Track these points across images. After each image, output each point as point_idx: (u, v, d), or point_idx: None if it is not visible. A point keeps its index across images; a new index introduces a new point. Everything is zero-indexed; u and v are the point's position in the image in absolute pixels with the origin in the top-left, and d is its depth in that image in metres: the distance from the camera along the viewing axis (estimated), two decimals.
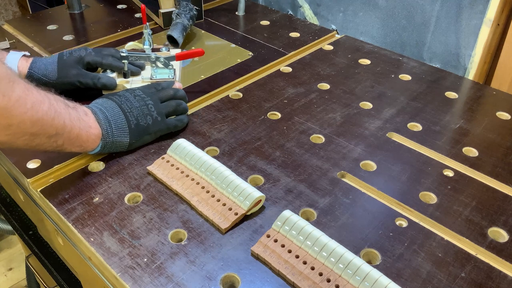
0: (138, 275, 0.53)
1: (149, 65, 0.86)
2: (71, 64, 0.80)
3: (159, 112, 0.72)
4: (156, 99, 0.73)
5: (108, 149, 0.68)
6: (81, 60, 0.81)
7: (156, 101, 0.72)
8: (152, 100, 0.72)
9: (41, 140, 0.58)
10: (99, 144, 0.66)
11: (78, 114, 0.63)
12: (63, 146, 0.61)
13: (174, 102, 0.74)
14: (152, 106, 0.71)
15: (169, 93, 0.75)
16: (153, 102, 0.72)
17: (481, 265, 0.55)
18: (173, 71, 0.85)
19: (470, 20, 0.93)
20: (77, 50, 0.82)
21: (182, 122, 0.75)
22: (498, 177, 0.67)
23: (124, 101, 0.70)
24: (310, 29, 1.10)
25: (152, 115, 0.71)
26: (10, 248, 1.70)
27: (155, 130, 0.72)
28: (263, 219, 0.61)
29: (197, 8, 1.04)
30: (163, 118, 0.72)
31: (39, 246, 0.85)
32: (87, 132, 0.63)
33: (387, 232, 0.59)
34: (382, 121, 0.79)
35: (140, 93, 0.72)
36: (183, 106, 0.76)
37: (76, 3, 1.15)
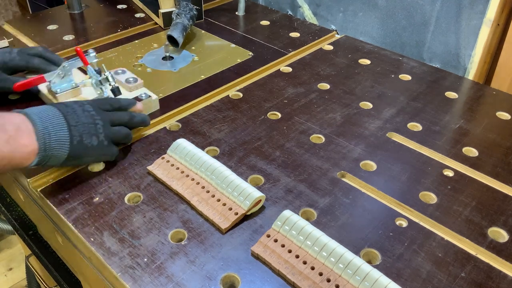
0: (138, 275, 0.53)
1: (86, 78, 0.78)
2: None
3: (106, 135, 0.64)
4: (107, 120, 0.65)
5: (45, 162, 0.59)
6: (4, 65, 0.77)
7: (106, 123, 0.64)
8: (102, 121, 0.64)
9: None
10: (35, 159, 0.58)
11: (7, 135, 0.54)
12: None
13: (125, 131, 0.68)
14: (100, 127, 0.63)
15: (123, 118, 0.68)
16: (102, 123, 0.64)
17: (481, 265, 0.55)
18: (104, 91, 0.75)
19: (470, 20, 0.93)
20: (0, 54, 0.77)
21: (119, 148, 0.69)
22: (498, 177, 0.67)
23: (71, 112, 0.62)
24: (310, 29, 1.10)
25: (99, 137, 0.63)
26: (10, 248, 1.70)
27: (98, 154, 0.64)
28: (263, 219, 0.61)
29: (197, 8, 1.04)
30: (109, 143, 0.65)
31: (39, 246, 0.85)
32: (21, 152, 0.56)
33: (387, 232, 0.59)
34: (382, 121, 0.79)
35: (90, 109, 0.64)
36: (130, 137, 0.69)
37: (76, 3, 1.15)
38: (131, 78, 0.80)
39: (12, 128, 0.56)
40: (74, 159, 0.62)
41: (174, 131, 0.76)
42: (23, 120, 0.58)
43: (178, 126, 0.77)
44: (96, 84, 0.75)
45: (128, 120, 0.69)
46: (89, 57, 0.75)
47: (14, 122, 0.57)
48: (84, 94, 0.78)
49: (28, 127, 0.57)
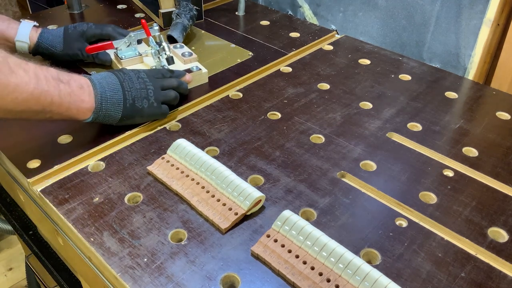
0: (138, 275, 0.53)
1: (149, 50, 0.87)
2: (75, 37, 0.88)
3: (156, 98, 0.74)
4: (158, 86, 0.75)
5: (100, 120, 0.71)
6: (84, 34, 0.89)
7: (157, 88, 0.75)
8: (153, 86, 0.74)
9: (27, 115, 0.63)
10: (91, 116, 0.69)
11: (70, 89, 0.65)
12: (52, 118, 0.66)
13: (174, 93, 0.77)
14: (151, 91, 0.74)
15: (173, 84, 0.78)
16: (153, 88, 0.74)
17: (481, 265, 0.55)
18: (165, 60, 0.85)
19: (470, 20, 0.93)
20: (80, 25, 0.90)
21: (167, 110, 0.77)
22: (498, 177, 0.67)
23: (127, 79, 0.72)
24: (310, 29, 1.10)
25: (149, 99, 0.73)
26: (10, 248, 1.70)
27: (148, 114, 0.74)
28: (263, 219, 0.61)
29: (197, 8, 1.04)
30: (159, 104, 0.75)
31: (39, 246, 0.85)
32: (78, 106, 0.66)
33: (387, 232, 0.59)
34: (382, 121, 0.79)
35: (144, 76, 0.75)
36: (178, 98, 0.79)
37: (76, 3, 1.15)
38: (187, 52, 0.90)
39: (76, 85, 0.67)
40: (127, 118, 0.73)
41: (174, 131, 0.76)
42: (86, 82, 0.69)
43: (178, 126, 0.77)
44: (155, 54, 0.85)
45: (177, 86, 0.79)
46: (152, 30, 0.86)
47: (79, 81, 0.68)
48: (146, 61, 0.89)
49: (89, 88, 0.68)
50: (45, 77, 0.63)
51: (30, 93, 0.60)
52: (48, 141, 0.73)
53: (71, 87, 0.66)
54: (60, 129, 0.75)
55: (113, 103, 0.70)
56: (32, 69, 0.62)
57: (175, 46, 0.92)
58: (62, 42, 0.87)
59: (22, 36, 0.86)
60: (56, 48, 0.87)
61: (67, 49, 0.88)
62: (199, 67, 0.88)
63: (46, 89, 0.62)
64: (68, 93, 0.65)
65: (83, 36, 0.89)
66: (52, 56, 0.89)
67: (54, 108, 0.64)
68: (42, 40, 0.87)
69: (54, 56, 0.89)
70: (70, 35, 0.88)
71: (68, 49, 0.88)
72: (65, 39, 0.88)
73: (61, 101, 0.64)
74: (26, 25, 0.86)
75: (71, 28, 0.89)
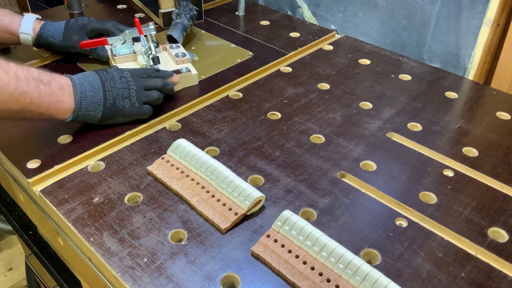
0: (138, 275, 0.53)
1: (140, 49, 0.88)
2: (75, 30, 0.90)
3: (138, 98, 0.74)
4: (141, 85, 0.75)
5: (80, 120, 0.72)
6: (84, 27, 0.90)
7: (140, 88, 0.75)
8: (136, 86, 0.75)
9: (7, 114, 0.64)
10: (70, 116, 0.70)
11: (50, 90, 0.67)
12: (32, 118, 0.67)
13: (157, 94, 0.77)
14: (134, 91, 0.74)
15: (157, 84, 0.78)
16: (136, 88, 0.74)
17: (481, 265, 0.55)
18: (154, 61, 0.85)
19: (470, 20, 0.93)
20: (81, 19, 0.92)
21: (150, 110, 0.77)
22: (498, 177, 0.67)
23: (109, 79, 0.73)
24: (310, 29, 1.10)
25: (131, 99, 0.74)
26: (10, 248, 1.70)
27: (130, 114, 0.75)
28: (263, 219, 0.61)
29: (197, 8, 1.04)
30: (141, 104, 0.75)
31: (39, 246, 0.85)
32: (57, 106, 0.68)
33: (387, 232, 0.59)
34: (382, 121, 0.79)
35: (128, 75, 0.75)
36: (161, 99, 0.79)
37: (76, 3, 1.15)
38: (181, 53, 0.90)
39: (56, 86, 0.68)
40: (108, 118, 0.73)
41: (174, 131, 0.76)
42: (67, 82, 0.69)
43: (178, 126, 0.77)
44: (144, 53, 0.85)
45: (161, 86, 0.79)
46: (147, 29, 0.86)
47: (60, 82, 0.69)
48: (139, 60, 0.90)
49: (70, 89, 0.69)
50: (25, 77, 0.64)
51: (10, 94, 0.62)
52: (48, 141, 0.73)
53: (51, 87, 0.67)
54: (60, 129, 0.75)
55: (93, 102, 0.71)
56: (13, 70, 0.63)
57: (171, 46, 0.92)
58: (62, 34, 0.89)
59: (26, 28, 0.88)
60: (56, 39, 0.89)
61: (66, 41, 0.89)
62: (189, 68, 0.87)
63: (26, 90, 0.63)
64: (48, 94, 0.66)
65: (83, 29, 0.90)
66: (52, 47, 0.91)
67: (33, 108, 0.65)
68: (43, 30, 0.88)
69: (53, 47, 0.90)
70: (71, 28, 0.90)
71: (67, 41, 0.89)
72: (65, 31, 0.89)
73: (40, 102, 0.65)
74: (29, 17, 0.88)
75: (72, 21, 0.91)
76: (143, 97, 0.75)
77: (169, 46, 0.92)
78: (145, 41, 0.85)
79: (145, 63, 0.86)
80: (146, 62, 0.86)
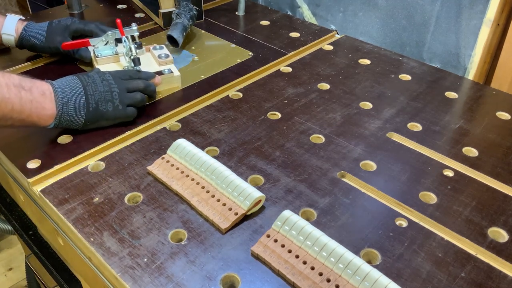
0: (138, 275, 0.53)
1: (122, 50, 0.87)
2: (58, 31, 0.89)
3: (121, 101, 0.74)
4: (124, 88, 0.75)
5: (63, 125, 0.71)
6: (67, 28, 0.89)
7: (122, 90, 0.74)
8: (118, 88, 0.74)
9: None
10: (52, 122, 0.69)
11: (32, 96, 0.66)
12: (13, 125, 0.66)
13: (140, 96, 0.76)
14: (116, 94, 0.73)
15: (139, 86, 0.77)
16: (118, 91, 0.74)
17: (481, 265, 0.55)
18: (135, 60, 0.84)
19: (470, 20, 0.93)
20: (64, 19, 0.91)
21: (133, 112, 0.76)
22: (498, 177, 0.67)
23: (90, 83, 0.72)
24: (310, 29, 1.10)
25: (114, 102, 0.73)
26: (10, 248, 1.70)
27: (114, 117, 0.74)
28: (263, 219, 0.61)
29: (197, 8, 1.04)
30: (124, 107, 0.74)
31: (39, 246, 0.85)
32: (39, 113, 0.67)
33: (387, 232, 0.59)
34: (382, 121, 0.79)
35: (110, 78, 0.74)
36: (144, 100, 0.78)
37: (76, 3, 1.15)
38: (164, 54, 0.89)
39: (38, 92, 0.67)
40: (92, 123, 0.73)
41: (174, 131, 0.76)
42: (48, 88, 0.69)
43: (178, 126, 0.77)
44: (126, 54, 0.84)
45: (144, 88, 0.78)
46: (130, 30, 0.84)
47: (41, 88, 0.68)
48: (122, 61, 0.89)
49: (51, 95, 0.68)
50: (6, 84, 0.63)
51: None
52: (48, 141, 0.73)
53: (33, 94, 0.66)
54: (60, 129, 0.75)
55: (75, 107, 0.70)
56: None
57: (154, 47, 0.91)
58: (45, 35, 0.88)
59: (8, 29, 0.87)
60: (38, 40, 0.88)
61: (48, 42, 0.88)
62: (171, 69, 0.86)
63: (7, 97, 0.63)
64: (30, 100, 0.65)
65: (66, 30, 0.89)
66: (34, 48, 0.89)
67: (14, 115, 0.64)
68: (26, 31, 0.88)
69: (35, 48, 0.89)
70: (53, 28, 0.88)
71: (49, 42, 0.88)
72: (48, 32, 0.88)
73: (22, 109, 0.65)
74: (12, 18, 0.88)
75: (55, 22, 0.90)
76: (126, 99, 0.74)
77: (153, 47, 0.91)
78: (126, 42, 0.83)
79: (127, 64, 0.85)
80: (128, 63, 0.85)
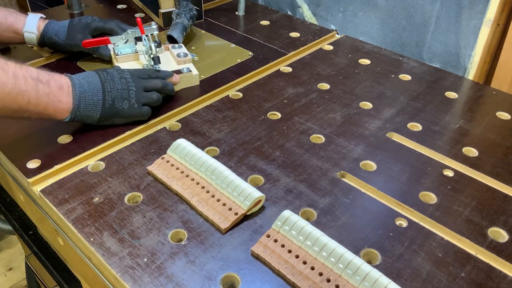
0: (138, 275, 0.53)
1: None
2: (79, 29, 0.90)
3: (137, 100, 0.74)
4: (141, 86, 0.75)
5: (78, 120, 0.71)
6: (87, 26, 0.91)
7: (139, 89, 0.74)
8: (135, 87, 0.74)
9: (4, 112, 0.64)
10: (68, 116, 0.70)
11: (49, 89, 0.66)
12: (30, 117, 0.67)
13: (156, 95, 0.77)
14: (133, 92, 0.74)
15: (157, 85, 0.78)
16: (135, 89, 0.74)
17: (481, 265, 0.55)
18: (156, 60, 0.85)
19: (470, 20, 0.93)
20: (85, 18, 0.93)
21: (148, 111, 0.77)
22: (498, 177, 0.67)
23: (109, 79, 0.72)
24: (310, 29, 1.10)
25: (130, 100, 0.73)
26: (10, 248, 1.70)
27: (129, 115, 0.74)
28: (263, 219, 0.61)
29: (197, 8, 1.04)
30: (140, 106, 0.75)
31: (39, 246, 0.85)
32: (55, 106, 0.67)
33: (387, 232, 0.59)
34: (382, 121, 0.79)
35: (128, 76, 0.75)
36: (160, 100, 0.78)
37: (76, 3, 1.15)
38: (183, 53, 0.90)
39: (55, 85, 0.67)
40: (106, 119, 0.73)
41: (174, 131, 0.76)
42: (66, 82, 0.69)
43: (178, 126, 0.77)
44: (146, 52, 0.85)
45: (161, 87, 0.79)
46: (149, 28, 0.86)
47: (59, 81, 0.68)
48: (141, 59, 0.90)
49: (69, 89, 0.69)
50: (23, 76, 0.64)
51: (7, 93, 0.62)
52: (48, 141, 0.73)
53: (50, 87, 0.67)
54: (60, 129, 0.75)
55: (91, 103, 0.70)
56: (12, 69, 0.63)
57: (173, 46, 0.92)
58: (66, 32, 0.90)
59: (30, 27, 0.89)
60: (59, 37, 0.90)
61: (69, 40, 0.89)
62: (190, 69, 0.87)
63: (24, 89, 0.63)
64: (46, 93, 0.66)
65: (87, 28, 0.91)
66: (55, 45, 0.91)
67: (31, 108, 0.65)
68: (47, 29, 0.89)
69: (56, 45, 0.91)
70: (74, 26, 0.90)
71: (70, 40, 0.89)
72: (69, 29, 0.90)
73: (38, 101, 0.65)
74: (33, 16, 0.89)
75: (76, 20, 0.91)
76: (142, 98, 0.75)
77: (172, 46, 0.92)
78: (146, 41, 0.85)
79: (146, 62, 0.86)
80: (147, 62, 0.86)
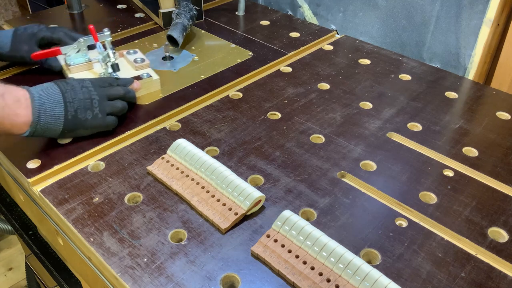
0: (138, 275, 0.53)
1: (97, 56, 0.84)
2: (24, 39, 0.83)
3: (101, 109, 0.71)
4: (104, 95, 0.72)
5: (39, 134, 0.67)
6: (34, 36, 0.84)
7: (102, 98, 0.71)
8: (98, 96, 0.71)
9: None
10: (28, 130, 0.66)
11: (4, 102, 0.63)
12: None
13: (120, 104, 0.74)
14: (96, 102, 0.70)
15: (119, 92, 0.74)
16: (98, 98, 0.71)
17: (481, 265, 0.55)
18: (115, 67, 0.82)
19: (470, 20, 0.93)
20: (30, 26, 0.85)
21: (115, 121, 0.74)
22: (498, 177, 0.67)
23: (69, 89, 0.69)
24: (310, 29, 1.10)
25: (94, 110, 0.70)
26: (10, 248, 1.70)
27: (93, 126, 0.71)
28: (263, 219, 0.61)
29: (197, 8, 1.04)
30: (104, 116, 0.71)
31: (39, 246, 0.85)
32: (12, 120, 0.64)
33: (387, 232, 0.59)
34: (382, 121, 0.79)
35: (89, 85, 0.71)
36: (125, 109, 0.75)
37: (76, 3, 1.15)
38: (139, 58, 0.86)
39: (11, 98, 0.64)
40: (69, 131, 0.70)
41: (174, 131, 0.76)
42: (24, 95, 0.65)
43: (178, 126, 0.77)
44: (102, 60, 0.82)
45: (123, 95, 0.75)
46: (102, 35, 0.81)
47: (16, 94, 0.65)
48: (95, 69, 0.85)
49: (27, 101, 0.65)
50: None
51: None
52: (48, 141, 0.73)
53: (5, 100, 0.63)
54: None
55: (53, 115, 0.67)
56: None
57: (128, 52, 0.88)
58: (10, 43, 0.83)
59: None
60: (3, 49, 0.83)
61: (14, 51, 0.83)
62: (150, 74, 0.84)
63: None
64: (1, 107, 0.62)
65: (33, 38, 0.84)
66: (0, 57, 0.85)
67: None
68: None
69: (1, 57, 0.85)
70: (19, 37, 0.83)
71: (15, 51, 0.83)
72: (13, 40, 0.83)
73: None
74: None
75: (21, 29, 0.84)
76: (106, 107, 0.71)
77: (126, 52, 0.88)
78: (101, 48, 0.80)
79: (102, 71, 0.82)
80: (104, 70, 0.82)
